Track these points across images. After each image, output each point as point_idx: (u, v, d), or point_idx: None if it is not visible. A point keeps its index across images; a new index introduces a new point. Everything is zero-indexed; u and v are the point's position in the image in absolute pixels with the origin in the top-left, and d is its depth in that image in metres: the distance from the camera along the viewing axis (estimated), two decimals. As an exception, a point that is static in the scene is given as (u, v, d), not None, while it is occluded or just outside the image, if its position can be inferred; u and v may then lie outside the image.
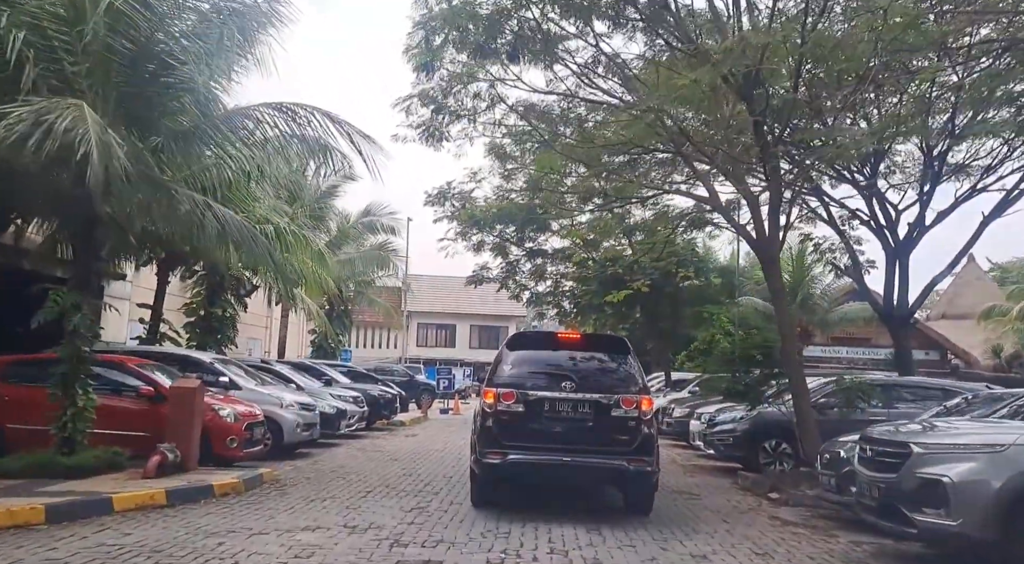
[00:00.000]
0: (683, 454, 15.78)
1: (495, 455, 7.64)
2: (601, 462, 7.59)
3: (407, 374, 32.64)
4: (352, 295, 32.89)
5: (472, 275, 26.45)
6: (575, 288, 26.53)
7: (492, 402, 7.82)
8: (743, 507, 9.37)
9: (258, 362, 16.92)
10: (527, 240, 25.68)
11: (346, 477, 10.50)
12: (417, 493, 9.34)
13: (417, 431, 19.43)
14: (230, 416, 10.54)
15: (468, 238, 24.44)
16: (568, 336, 9.38)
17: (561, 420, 7.69)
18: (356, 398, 17.34)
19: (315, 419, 13.24)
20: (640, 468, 7.60)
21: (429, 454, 14.00)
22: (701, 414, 15.15)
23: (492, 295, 56.38)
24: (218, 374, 12.46)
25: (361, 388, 19.21)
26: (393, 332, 49.90)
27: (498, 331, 53.90)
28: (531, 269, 26.71)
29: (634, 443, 7.63)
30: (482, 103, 13.39)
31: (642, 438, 7.67)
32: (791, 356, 10.94)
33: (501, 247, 25.84)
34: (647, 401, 7.87)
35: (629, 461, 7.54)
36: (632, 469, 7.56)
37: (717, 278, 23.85)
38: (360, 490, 9.41)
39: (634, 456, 7.58)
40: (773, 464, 12.16)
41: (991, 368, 35.58)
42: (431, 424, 22.39)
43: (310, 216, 26.14)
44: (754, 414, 12.17)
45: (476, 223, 23.79)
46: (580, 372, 8.02)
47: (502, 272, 26.58)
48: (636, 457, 7.58)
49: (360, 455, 13.45)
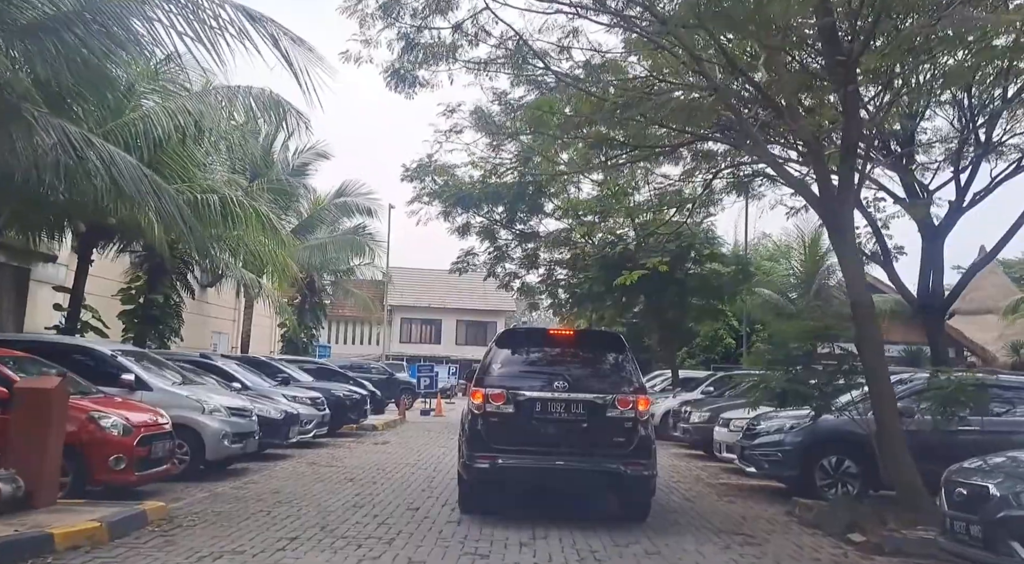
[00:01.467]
0: (707, 468, 13.10)
1: (484, 459, 7.23)
2: (596, 466, 7.26)
3: (386, 371, 29.84)
4: (327, 285, 30.11)
5: (457, 261, 23.66)
6: (571, 276, 23.81)
7: (481, 403, 7.40)
8: (825, 559, 6.68)
9: (196, 357, 14.09)
10: (517, 222, 22.93)
11: (273, 511, 7.73)
12: (364, 540, 6.59)
13: (390, 437, 16.66)
14: (116, 427, 7.75)
15: (451, 219, 21.67)
16: (561, 333, 8.91)
17: (554, 422, 7.34)
18: (315, 400, 14.57)
19: (251, 427, 10.46)
20: (637, 472, 7.23)
21: (396, 470, 11.25)
22: (729, 420, 12.50)
23: (480, 289, 53.60)
24: (121, 370, 9.67)
25: (324, 388, 16.43)
26: (375, 328, 46.93)
27: (486, 327, 51.14)
28: (522, 256, 23.95)
29: (631, 445, 7.28)
30: (464, 39, 10.66)
31: (639, 440, 7.32)
32: (871, 348, 8.26)
33: (489, 231, 23.09)
34: (644, 401, 7.48)
35: (626, 464, 7.19)
36: (629, 473, 7.19)
37: (729, 266, 21.12)
38: (284, 534, 6.66)
39: (631, 459, 7.23)
40: (835, 487, 9.50)
41: (1010, 365, 33.13)
42: (408, 428, 19.61)
43: (277, 194, 23.37)
44: (807, 422, 9.51)
45: (460, 201, 21.02)
46: (573, 371, 7.65)
47: (490, 259, 23.82)
48: (633, 460, 7.23)
49: (308, 473, 10.67)
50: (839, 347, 9.40)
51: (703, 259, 20.21)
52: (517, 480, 7.61)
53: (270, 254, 16.50)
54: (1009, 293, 43.08)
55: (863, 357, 8.42)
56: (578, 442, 7.30)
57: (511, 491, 8.12)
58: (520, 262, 24.24)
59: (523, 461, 7.24)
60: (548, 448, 7.28)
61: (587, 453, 7.29)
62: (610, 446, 7.30)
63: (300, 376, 16.93)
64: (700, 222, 19.45)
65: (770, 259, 32.47)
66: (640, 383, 7.74)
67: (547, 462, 7.24)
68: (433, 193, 21.12)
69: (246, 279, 20.40)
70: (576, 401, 7.35)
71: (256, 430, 10.62)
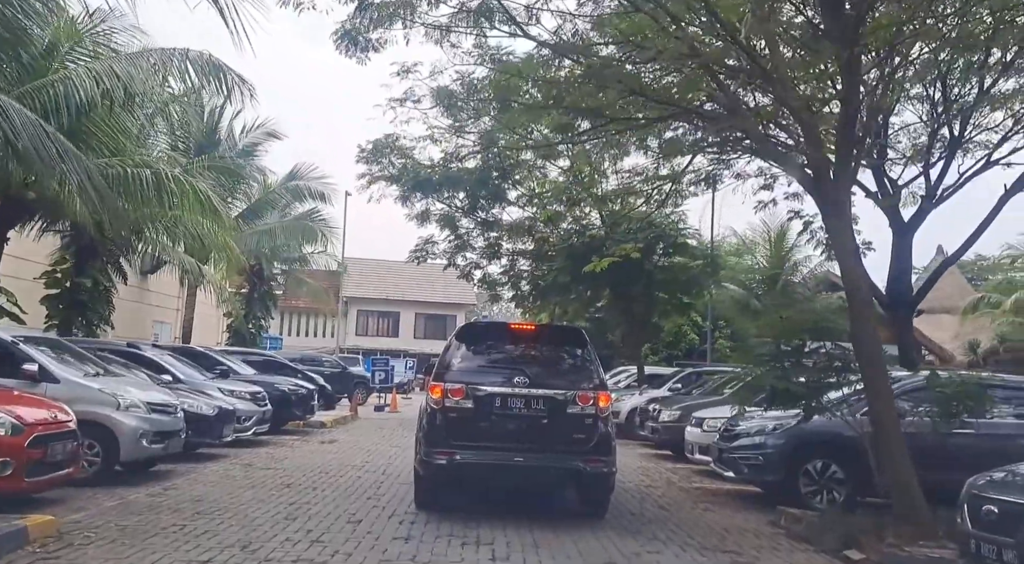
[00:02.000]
0: (677, 471, 12.30)
1: (442, 455, 7.11)
2: (556, 462, 7.20)
3: (338, 365, 28.60)
4: (277, 274, 28.75)
5: (415, 250, 22.54)
6: (534, 267, 22.90)
7: (439, 398, 7.29)
8: (824, 581, 5.85)
9: (122, 347, 12.81)
10: (479, 210, 21.91)
11: (189, 525, 6.63)
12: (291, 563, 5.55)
13: (339, 435, 15.55)
14: (3, 426, 6.57)
15: (410, 204, 20.56)
16: (522, 327, 8.89)
17: (513, 417, 7.22)
18: (255, 395, 13.41)
19: (176, 425, 9.31)
20: (597, 469, 7.18)
21: (341, 474, 10.19)
22: (702, 419, 11.70)
23: (440, 281, 52.40)
24: (22, 360, 8.44)
25: (268, 381, 15.26)
26: (331, 320, 45.42)
27: (446, 320, 50.02)
28: (484, 245, 22.95)
29: (591, 442, 7.21)
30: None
31: (599, 437, 7.26)
32: (868, 342, 7.47)
33: (449, 218, 22.03)
34: (605, 397, 7.38)
35: (586, 461, 7.14)
36: (589, 469, 7.14)
37: (697, 259, 20.41)
38: (195, 556, 5.59)
39: (591, 456, 7.16)
40: (820, 494, 8.74)
41: (967, 364, 33.25)
42: (360, 425, 18.50)
43: (223, 174, 22.06)
44: (792, 423, 8.72)
45: (419, 186, 19.94)
46: (534, 366, 7.56)
47: (450, 247, 22.76)
48: (593, 457, 7.17)
49: (240, 477, 9.55)
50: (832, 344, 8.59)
51: (673, 250, 19.44)
52: (475, 476, 7.46)
53: (213, 238, 15.23)
54: (966, 293, 43.47)
55: (859, 352, 7.64)
56: (538, 438, 7.19)
57: (469, 488, 7.95)
58: (482, 252, 23.25)
59: (482, 457, 7.12)
60: (507, 444, 7.17)
61: (547, 449, 7.19)
62: (570, 442, 7.20)
63: (242, 369, 15.73)
64: (669, 213, 18.71)
65: (735, 254, 31.96)
66: (601, 379, 7.62)
67: (506, 458, 7.10)
68: (391, 177, 20.00)
69: (187, 265, 19.05)
70: (536, 397, 7.22)
71: (182, 428, 9.47)
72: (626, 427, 17.70)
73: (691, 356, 30.66)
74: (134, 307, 24.62)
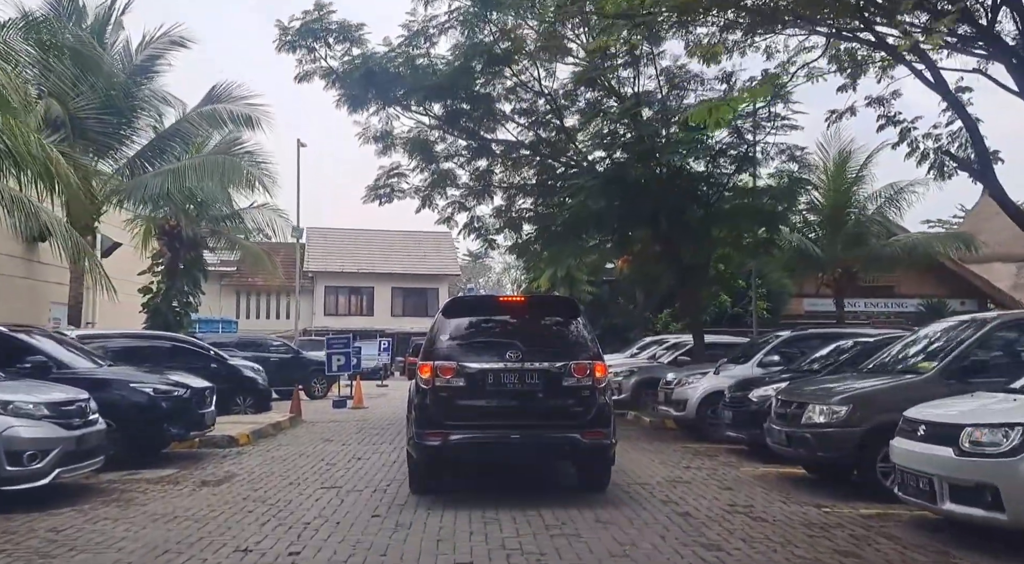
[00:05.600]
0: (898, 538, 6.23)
1: (435, 436, 6.86)
2: (553, 437, 6.99)
3: (290, 349, 22.40)
4: (206, 236, 22.29)
5: (375, 185, 16.28)
6: (538, 204, 16.74)
7: (429, 377, 7.01)
8: None
9: None
10: (460, 129, 15.66)
11: None
12: None
13: (246, 463, 9.33)
14: None
15: (363, 111, 14.28)
16: (511, 300, 8.99)
17: (507, 393, 7.00)
18: (64, 407, 7.19)
19: None
20: (597, 441, 6.92)
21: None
22: (928, 423, 5.68)
23: (418, 250, 46.05)
24: None
25: (124, 381, 9.10)
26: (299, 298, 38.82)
27: (426, 295, 43.88)
28: (471, 176, 16.75)
29: (588, 414, 6.98)
30: None
31: (597, 408, 7.02)
32: None
33: (419, 143, 15.79)
34: (601, 367, 7.13)
35: (583, 434, 6.88)
36: (587, 442, 6.90)
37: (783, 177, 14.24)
38: None
39: (589, 428, 6.92)
40: None
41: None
42: (298, 435, 12.32)
43: (107, 98, 15.83)
44: None
45: (372, 80, 13.62)
46: (526, 339, 7.27)
47: (425, 181, 16.55)
48: (591, 429, 6.91)
49: None
50: None
51: (748, 165, 13.31)
52: (471, 456, 7.23)
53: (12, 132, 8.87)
54: (1019, 237, 37.88)
55: None
56: (534, 413, 7.00)
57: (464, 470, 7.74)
58: (468, 190, 17.07)
59: (477, 436, 6.91)
60: (503, 421, 6.96)
61: (544, 424, 7.00)
62: (567, 416, 7.02)
63: (79, 362, 9.36)
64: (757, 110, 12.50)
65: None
66: (596, 349, 7.37)
67: (502, 436, 6.90)
68: (330, 71, 13.68)
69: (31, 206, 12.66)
70: (530, 371, 6.98)
71: None
72: (694, 424, 11.88)
73: (720, 322, 24.77)
74: (22, 284, 18.44)
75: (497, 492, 7.16)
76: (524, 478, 8.10)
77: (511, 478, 7.98)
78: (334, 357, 19.24)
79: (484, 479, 7.81)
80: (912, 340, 8.65)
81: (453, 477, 7.58)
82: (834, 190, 23.26)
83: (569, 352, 7.23)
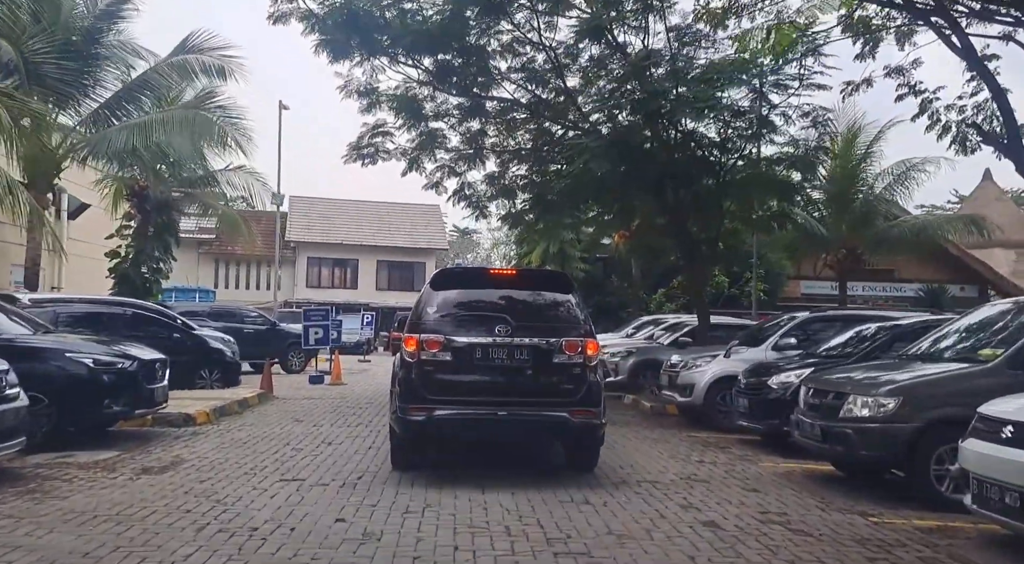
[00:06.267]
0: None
1: (419, 411, 6.61)
2: (541, 415, 6.74)
3: (267, 321, 21.21)
4: (177, 197, 20.96)
5: (357, 144, 15.02)
6: (533, 171, 15.57)
7: (415, 350, 6.74)
8: None
9: None
10: (453, 82, 14.41)
11: None
12: None
13: (198, 447, 8.22)
14: None
15: (343, 58, 13.00)
16: (502, 273, 8.63)
17: (495, 369, 6.76)
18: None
19: None
20: (586, 419, 6.72)
21: None
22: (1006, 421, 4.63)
23: (407, 224, 44.68)
24: None
25: (57, 349, 7.94)
26: (280, 269, 37.46)
27: (413, 269, 42.68)
28: (463, 139, 15.53)
29: (579, 392, 6.76)
30: None
31: (587, 386, 6.80)
32: None
33: (406, 100, 14.54)
34: (593, 345, 6.92)
35: (573, 412, 6.67)
36: (576, 421, 6.68)
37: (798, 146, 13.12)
38: None
39: (579, 407, 6.71)
40: None
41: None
42: (266, 413, 11.21)
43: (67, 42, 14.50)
44: None
45: (356, 27, 12.34)
46: (516, 314, 6.99)
47: (412, 142, 15.32)
48: (581, 408, 6.71)
49: None
50: None
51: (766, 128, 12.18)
52: (456, 433, 7.02)
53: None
54: (1021, 222, 37.16)
55: None
56: (522, 390, 6.77)
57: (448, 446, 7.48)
58: (459, 154, 15.86)
59: (462, 412, 6.65)
60: (490, 398, 6.69)
61: (532, 402, 6.76)
62: (556, 394, 6.81)
63: (8, 328, 8.18)
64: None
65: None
66: (588, 326, 7.09)
67: (489, 412, 6.63)
68: (309, 13, 12.38)
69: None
70: (519, 346, 6.73)
71: None
72: (701, 411, 10.90)
73: (718, 304, 23.81)
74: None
75: (486, 491, 6.10)
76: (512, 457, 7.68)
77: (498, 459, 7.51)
78: (311, 330, 18.12)
79: (469, 467, 6.79)
80: (957, 325, 7.63)
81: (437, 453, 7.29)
82: (842, 167, 22.23)
83: (560, 328, 6.97)
